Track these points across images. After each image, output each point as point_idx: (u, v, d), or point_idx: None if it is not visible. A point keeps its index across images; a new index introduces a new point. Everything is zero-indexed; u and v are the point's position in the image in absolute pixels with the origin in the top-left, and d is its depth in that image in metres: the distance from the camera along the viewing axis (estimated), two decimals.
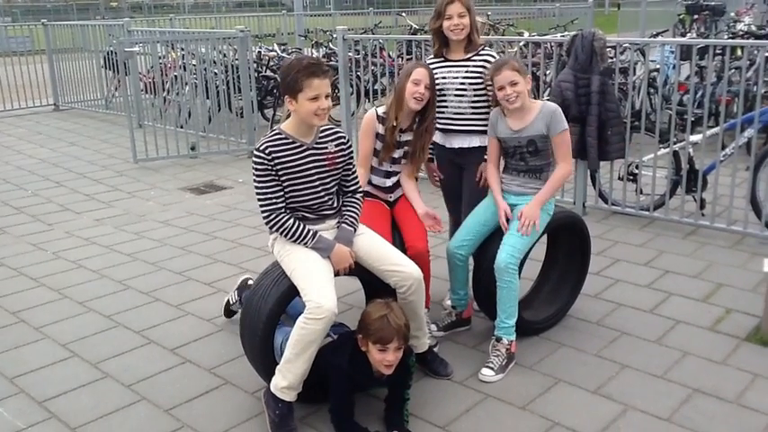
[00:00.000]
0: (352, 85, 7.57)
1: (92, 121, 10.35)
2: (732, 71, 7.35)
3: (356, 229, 3.17)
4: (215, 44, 8.16)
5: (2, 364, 3.59)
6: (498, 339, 3.42)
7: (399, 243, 3.53)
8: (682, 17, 14.81)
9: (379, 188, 3.75)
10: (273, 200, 3.02)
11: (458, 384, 3.31)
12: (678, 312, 3.95)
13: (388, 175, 3.74)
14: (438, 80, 3.64)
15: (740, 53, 7.44)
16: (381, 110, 3.67)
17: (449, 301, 3.84)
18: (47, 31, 11.26)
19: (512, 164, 3.59)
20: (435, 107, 3.65)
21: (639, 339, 3.67)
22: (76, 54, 11.08)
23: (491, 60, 3.68)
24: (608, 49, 5.22)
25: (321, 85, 2.93)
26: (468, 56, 3.73)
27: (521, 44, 7.40)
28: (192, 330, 3.91)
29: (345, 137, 3.20)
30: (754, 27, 10.32)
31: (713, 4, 14.20)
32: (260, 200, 3.04)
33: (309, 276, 2.93)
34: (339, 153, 3.14)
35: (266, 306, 2.99)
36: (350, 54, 7.25)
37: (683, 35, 12.45)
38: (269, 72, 9.27)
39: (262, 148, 3.00)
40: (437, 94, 3.64)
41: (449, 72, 3.73)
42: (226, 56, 8.30)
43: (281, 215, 3.03)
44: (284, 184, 3.03)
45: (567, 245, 3.94)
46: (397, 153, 3.68)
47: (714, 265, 4.61)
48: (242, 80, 7.98)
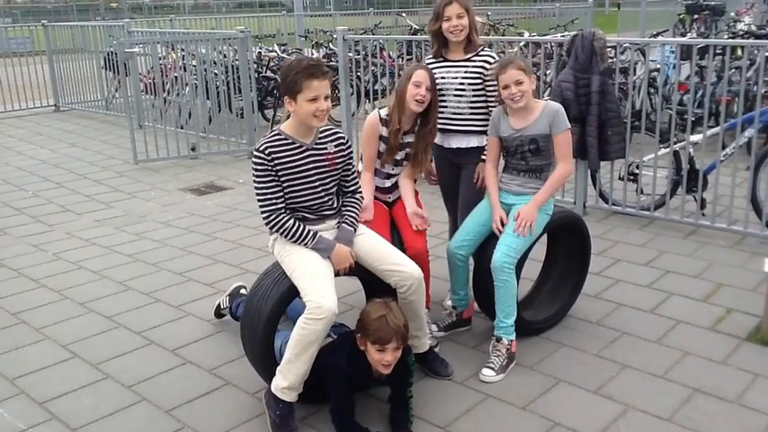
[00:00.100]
0: (352, 86, 7.57)
1: (92, 122, 10.36)
2: (732, 71, 7.35)
3: (356, 229, 3.17)
4: (215, 45, 8.16)
5: (2, 365, 3.59)
6: (498, 339, 3.42)
7: (398, 243, 3.53)
8: (682, 17, 14.81)
9: (379, 189, 3.74)
10: (273, 200, 3.03)
11: (458, 384, 3.31)
12: (679, 312, 3.95)
13: (389, 176, 3.74)
14: (437, 80, 3.63)
15: (740, 53, 7.43)
16: (384, 112, 3.66)
17: (449, 302, 3.84)
18: (47, 31, 11.27)
19: (512, 163, 3.59)
20: (437, 109, 3.65)
21: (640, 339, 3.67)
22: (77, 55, 11.09)
23: (490, 61, 3.68)
24: (608, 49, 5.22)
25: (320, 86, 2.93)
26: (468, 56, 3.72)
27: (521, 44, 7.39)
28: (193, 331, 3.91)
29: (345, 137, 3.20)
30: (754, 27, 10.32)
31: (713, 3, 14.19)
32: (260, 200, 3.04)
33: (310, 277, 2.93)
34: (339, 154, 3.14)
35: (266, 307, 2.99)
36: (350, 54, 7.25)
37: (683, 35, 12.43)
38: (269, 73, 9.26)
39: (261, 149, 3.00)
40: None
41: (448, 72, 3.73)
42: (226, 56, 8.29)
43: (281, 216, 3.03)
44: (284, 184, 3.04)
45: (568, 245, 3.94)
46: (399, 155, 3.68)
47: (714, 264, 4.61)
48: (242, 81, 7.98)
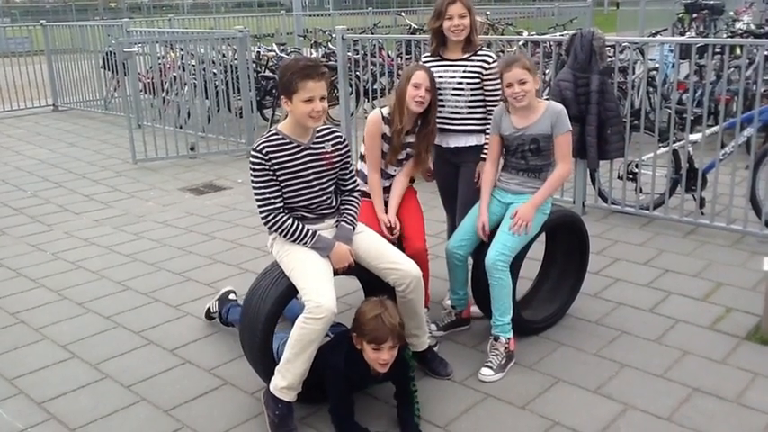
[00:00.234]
0: (351, 85, 7.57)
1: (91, 122, 10.35)
2: (731, 70, 7.35)
3: (355, 228, 3.17)
4: (214, 44, 8.16)
5: (1, 365, 3.59)
6: (496, 338, 3.42)
7: (398, 242, 3.53)
8: (681, 16, 14.83)
9: None
10: (271, 200, 3.02)
11: (458, 384, 3.31)
12: (678, 311, 3.95)
13: (389, 176, 3.74)
14: (435, 79, 3.63)
15: (739, 52, 7.43)
16: (386, 111, 3.66)
17: (448, 301, 3.84)
18: (46, 31, 11.26)
19: (512, 162, 3.58)
20: (437, 109, 3.65)
21: (639, 338, 3.67)
22: (75, 55, 11.08)
23: (489, 60, 3.68)
24: (607, 49, 5.21)
25: (316, 87, 2.92)
26: (466, 56, 3.71)
27: (520, 43, 7.39)
28: (192, 331, 3.91)
29: (342, 137, 3.20)
30: (752, 26, 10.33)
31: (712, 2, 14.21)
32: (258, 200, 3.04)
33: (309, 276, 2.93)
34: (336, 153, 3.14)
35: (265, 306, 2.99)
36: (349, 54, 7.25)
37: (681, 34, 12.45)
38: (268, 72, 9.26)
39: (259, 149, 3.00)
40: None
41: (446, 71, 3.71)
42: (225, 56, 8.30)
43: (279, 215, 3.03)
44: (282, 184, 3.03)
45: (566, 244, 3.94)
46: (401, 155, 3.68)
47: (714, 263, 4.61)
48: (241, 80, 7.97)
